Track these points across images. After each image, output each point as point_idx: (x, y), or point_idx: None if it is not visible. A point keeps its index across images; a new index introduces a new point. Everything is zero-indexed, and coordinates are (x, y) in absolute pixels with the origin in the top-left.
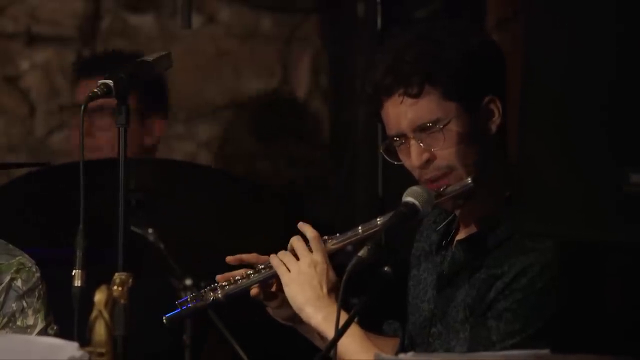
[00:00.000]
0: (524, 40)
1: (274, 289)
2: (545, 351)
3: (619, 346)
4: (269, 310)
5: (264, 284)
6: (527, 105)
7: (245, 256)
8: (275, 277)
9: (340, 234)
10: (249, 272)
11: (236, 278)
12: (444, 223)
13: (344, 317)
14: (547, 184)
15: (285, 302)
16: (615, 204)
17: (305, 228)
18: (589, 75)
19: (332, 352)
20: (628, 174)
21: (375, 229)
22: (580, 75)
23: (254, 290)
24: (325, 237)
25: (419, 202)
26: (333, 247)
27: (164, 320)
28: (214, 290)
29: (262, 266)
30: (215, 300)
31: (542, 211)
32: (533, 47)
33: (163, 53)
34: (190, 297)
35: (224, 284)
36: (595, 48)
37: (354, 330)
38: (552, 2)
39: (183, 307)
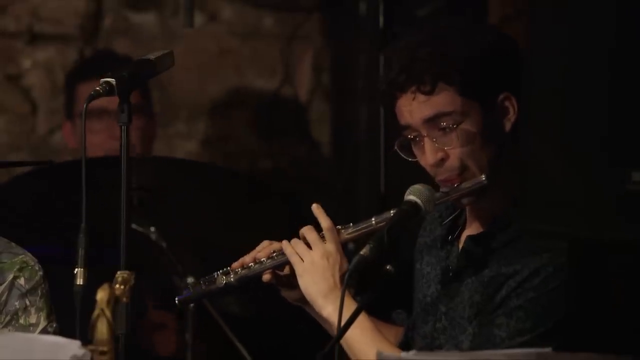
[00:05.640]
0: (526, 40)
1: (286, 272)
2: (548, 349)
3: (620, 345)
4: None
5: (276, 269)
6: (530, 105)
7: (259, 254)
8: (288, 262)
9: (353, 224)
10: (262, 257)
11: (249, 264)
12: (450, 218)
13: (350, 312)
14: (550, 183)
15: (296, 286)
16: (617, 202)
17: (321, 217)
18: (591, 76)
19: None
20: (629, 172)
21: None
22: (582, 75)
23: (266, 276)
24: (339, 226)
25: (421, 201)
26: (347, 237)
27: (176, 302)
28: (227, 274)
29: (275, 252)
30: (228, 284)
31: (546, 210)
32: (535, 47)
33: (165, 52)
34: (203, 280)
35: (237, 269)
36: (597, 49)
37: (364, 322)
38: (554, 3)
39: (196, 288)
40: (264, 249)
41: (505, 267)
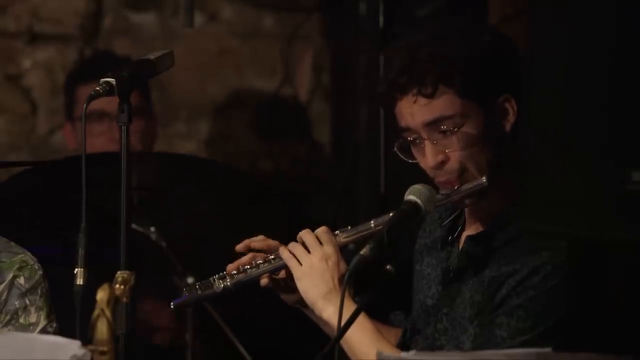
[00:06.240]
0: (526, 40)
1: (283, 276)
2: (548, 349)
3: (620, 345)
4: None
5: (274, 272)
6: (530, 105)
7: (254, 243)
8: (286, 266)
9: (351, 227)
10: (258, 261)
11: (246, 267)
12: (449, 219)
13: (350, 312)
14: (550, 183)
15: (294, 289)
16: (617, 202)
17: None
18: (591, 76)
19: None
20: (629, 172)
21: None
22: (582, 76)
23: (264, 280)
24: (337, 231)
25: (421, 201)
26: (344, 240)
27: (172, 306)
28: (223, 278)
29: (272, 256)
30: (225, 289)
31: (546, 210)
32: (535, 47)
33: (165, 52)
34: (199, 285)
35: (233, 272)
36: (597, 49)
37: (364, 323)
38: (554, 3)
39: (192, 293)
40: (258, 241)
41: (505, 266)
